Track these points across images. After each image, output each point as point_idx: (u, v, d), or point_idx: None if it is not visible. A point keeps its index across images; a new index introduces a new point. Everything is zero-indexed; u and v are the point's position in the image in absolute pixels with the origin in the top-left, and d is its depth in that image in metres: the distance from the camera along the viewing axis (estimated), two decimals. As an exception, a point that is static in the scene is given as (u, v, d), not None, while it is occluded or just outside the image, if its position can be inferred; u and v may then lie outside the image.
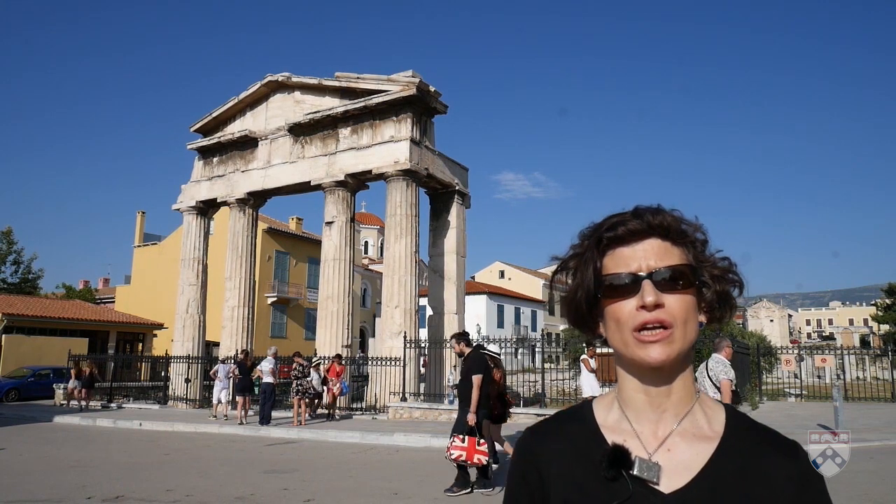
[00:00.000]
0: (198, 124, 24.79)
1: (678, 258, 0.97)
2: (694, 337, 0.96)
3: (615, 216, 1.01)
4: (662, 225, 0.99)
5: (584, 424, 1.05)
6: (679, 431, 0.98)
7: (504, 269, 68.95)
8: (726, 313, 1.01)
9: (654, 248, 0.97)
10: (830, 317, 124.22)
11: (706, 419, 1.00)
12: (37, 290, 45.62)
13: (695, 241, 1.00)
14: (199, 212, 24.81)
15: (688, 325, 0.95)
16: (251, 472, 9.83)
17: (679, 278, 0.95)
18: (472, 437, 7.67)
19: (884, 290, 61.81)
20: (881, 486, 8.16)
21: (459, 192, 22.28)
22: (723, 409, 1.04)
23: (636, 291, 0.95)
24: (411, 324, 19.13)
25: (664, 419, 0.99)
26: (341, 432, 14.36)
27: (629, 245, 0.98)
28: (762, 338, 31.48)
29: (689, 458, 0.96)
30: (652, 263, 0.96)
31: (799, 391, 23.07)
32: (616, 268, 0.98)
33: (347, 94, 21.24)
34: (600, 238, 1.00)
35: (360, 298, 48.55)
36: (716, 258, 1.01)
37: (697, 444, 0.97)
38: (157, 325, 36.96)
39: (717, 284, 0.99)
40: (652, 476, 0.94)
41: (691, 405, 1.01)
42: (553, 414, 1.13)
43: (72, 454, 11.75)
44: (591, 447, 1.00)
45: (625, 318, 0.95)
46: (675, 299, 0.95)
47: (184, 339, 23.85)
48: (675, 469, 0.95)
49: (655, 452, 0.97)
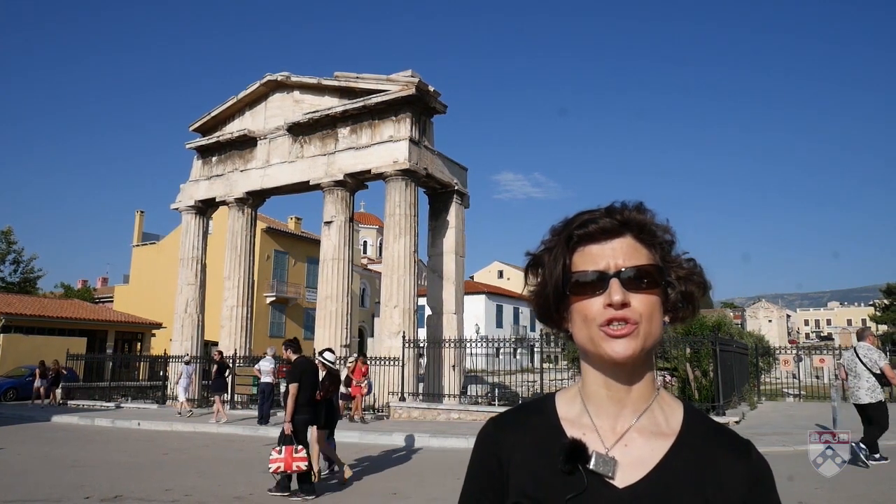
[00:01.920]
0: (197, 123, 24.78)
1: (646, 258, 0.99)
2: (658, 335, 0.98)
3: (586, 213, 1.03)
4: (633, 224, 1.01)
5: (546, 417, 1.06)
6: (637, 427, 1.00)
7: (503, 268, 68.98)
8: (690, 313, 1.03)
9: (623, 247, 0.99)
10: (829, 317, 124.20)
11: (664, 416, 1.03)
12: (35, 290, 45.56)
13: (663, 241, 1.02)
14: (197, 211, 24.79)
15: (652, 323, 0.97)
16: (250, 472, 9.82)
17: (645, 278, 0.97)
18: (289, 447, 7.65)
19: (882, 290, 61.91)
20: (880, 485, 8.17)
21: (458, 191, 22.28)
22: (681, 406, 1.06)
23: (604, 289, 0.96)
24: (410, 324, 19.13)
25: (623, 415, 1.01)
26: (340, 432, 14.30)
27: (598, 243, 1.00)
28: (761, 338, 31.49)
29: (645, 454, 0.98)
30: (620, 262, 0.97)
31: (797, 391, 23.10)
32: (584, 265, 0.99)
33: (346, 93, 21.24)
34: (570, 235, 1.01)
35: (358, 298, 48.53)
36: (681, 259, 1.03)
37: (654, 440, 1.00)
38: (155, 325, 36.91)
39: (682, 285, 1.01)
40: (607, 471, 0.96)
41: (650, 402, 1.03)
42: (516, 405, 1.15)
43: (70, 454, 11.73)
44: (551, 440, 1.02)
45: (592, 314, 0.97)
46: (642, 298, 0.96)
47: (182, 339, 23.83)
48: (630, 464, 0.97)
49: (613, 447, 0.99)
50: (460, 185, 22.47)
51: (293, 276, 44.19)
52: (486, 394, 21.49)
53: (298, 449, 7.66)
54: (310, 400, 8.21)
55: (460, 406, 17.30)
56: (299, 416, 7.98)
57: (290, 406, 7.92)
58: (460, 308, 21.97)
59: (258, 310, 33.09)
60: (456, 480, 8.93)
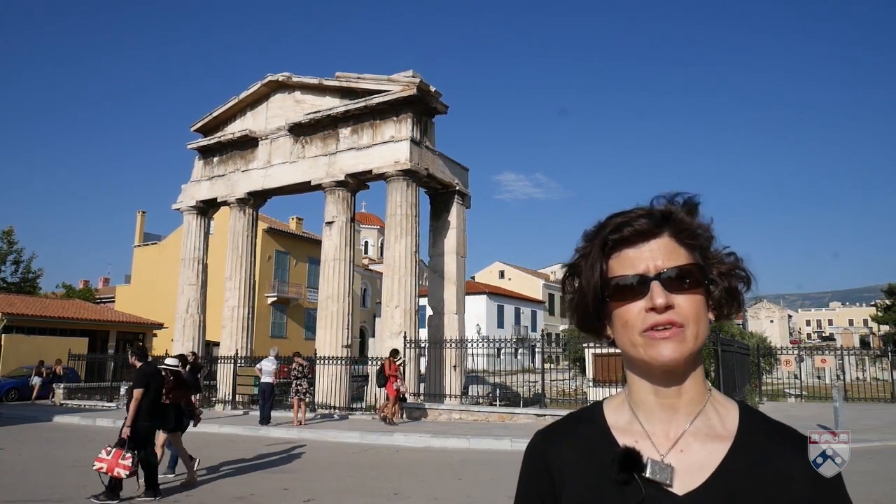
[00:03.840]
0: (198, 124, 24.80)
1: (685, 257, 0.96)
2: (705, 336, 0.95)
3: (620, 215, 1.00)
4: (670, 223, 0.97)
5: (595, 426, 1.04)
6: (691, 431, 0.97)
7: (504, 269, 68.92)
8: (734, 309, 1.00)
9: (661, 248, 0.96)
10: (830, 317, 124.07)
11: (719, 418, 0.99)
12: (37, 290, 45.61)
13: (702, 238, 0.99)
14: (199, 211, 24.81)
15: (699, 324, 0.93)
16: (251, 472, 9.83)
17: (687, 277, 0.94)
18: (119, 450, 7.61)
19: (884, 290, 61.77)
20: (882, 486, 8.16)
21: (460, 192, 22.29)
22: (736, 406, 1.02)
23: (644, 293, 0.93)
24: (411, 324, 19.13)
25: (676, 419, 0.98)
26: (341, 432, 14.37)
27: (635, 246, 0.96)
28: (762, 338, 31.47)
29: (703, 459, 0.95)
30: (660, 264, 0.94)
31: (799, 392, 23.08)
32: (622, 269, 0.96)
33: (348, 94, 21.24)
34: (605, 240, 0.98)
35: (360, 298, 48.54)
36: (722, 254, 1.00)
37: (710, 443, 0.96)
38: (157, 325, 36.94)
39: (725, 281, 0.98)
40: (664, 478, 0.93)
41: (703, 404, 0.99)
42: (564, 416, 1.12)
43: (72, 454, 11.74)
44: (603, 449, 0.99)
45: (633, 320, 0.94)
46: (685, 299, 0.93)
47: (184, 339, 23.84)
48: (688, 470, 0.94)
49: (668, 454, 0.96)
50: (461, 185, 22.47)
51: (294, 276, 44.21)
52: (487, 394, 21.50)
53: (126, 456, 7.58)
54: (154, 405, 8.19)
55: (461, 406, 17.30)
56: (143, 422, 7.95)
57: (133, 411, 7.88)
58: (461, 308, 21.97)
59: (259, 310, 33.11)
60: (457, 481, 8.97)
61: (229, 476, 9.60)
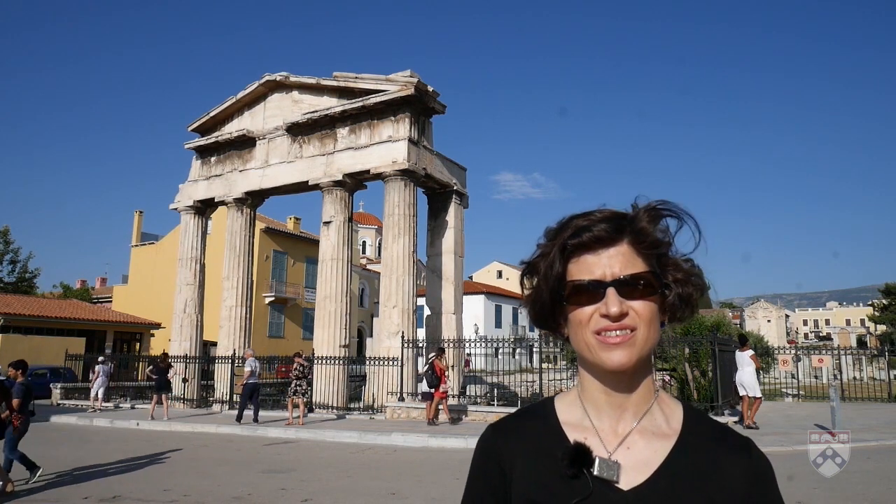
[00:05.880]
0: (195, 124, 24.76)
1: (641, 265, 0.98)
2: (656, 340, 0.98)
3: (580, 217, 1.02)
4: (630, 230, 0.99)
5: (547, 421, 1.06)
6: (639, 429, 1.01)
7: (502, 269, 68.98)
8: (688, 314, 1.02)
9: (619, 255, 0.98)
10: (827, 317, 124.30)
11: (664, 417, 1.03)
12: (34, 290, 45.53)
13: (660, 244, 1.01)
14: (196, 211, 24.78)
15: (650, 329, 0.97)
16: (249, 472, 9.82)
17: (642, 285, 0.97)
18: None
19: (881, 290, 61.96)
20: (878, 485, 8.18)
21: (457, 191, 22.28)
22: (681, 406, 1.06)
23: (599, 298, 0.96)
24: (409, 324, 19.12)
25: (624, 417, 1.02)
26: (339, 432, 14.35)
27: (594, 252, 0.99)
28: (760, 338, 31.54)
29: (648, 456, 0.99)
30: (616, 271, 0.97)
31: (796, 391, 23.11)
32: (580, 273, 0.98)
33: (345, 93, 21.22)
34: (565, 243, 1.00)
35: (357, 298, 48.53)
36: (679, 260, 1.02)
37: (656, 441, 1.00)
38: (154, 325, 36.90)
39: (680, 287, 1.00)
40: (612, 475, 0.96)
41: (650, 404, 1.03)
42: (515, 411, 1.15)
43: (69, 454, 11.72)
44: (553, 444, 1.02)
45: (588, 323, 0.97)
46: (638, 305, 0.96)
47: (181, 339, 23.81)
48: (634, 466, 0.98)
49: (616, 451, 0.99)
50: (459, 185, 22.47)
51: (292, 276, 44.18)
52: (484, 394, 21.50)
53: None
54: None
55: (459, 406, 17.28)
56: None
57: None
58: (459, 308, 21.96)
59: (257, 310, 33.09)
60: (455, 480, 8.97)
61: (228, 476, 9.58)
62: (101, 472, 9.82)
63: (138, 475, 9.57)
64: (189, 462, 11.08)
